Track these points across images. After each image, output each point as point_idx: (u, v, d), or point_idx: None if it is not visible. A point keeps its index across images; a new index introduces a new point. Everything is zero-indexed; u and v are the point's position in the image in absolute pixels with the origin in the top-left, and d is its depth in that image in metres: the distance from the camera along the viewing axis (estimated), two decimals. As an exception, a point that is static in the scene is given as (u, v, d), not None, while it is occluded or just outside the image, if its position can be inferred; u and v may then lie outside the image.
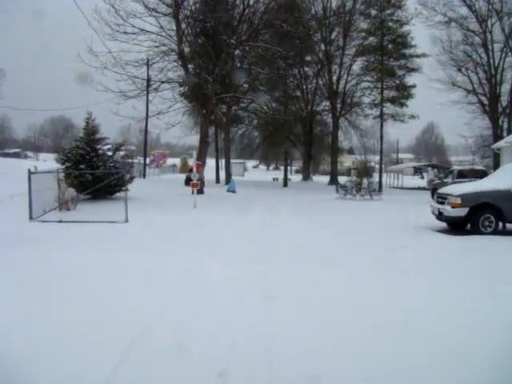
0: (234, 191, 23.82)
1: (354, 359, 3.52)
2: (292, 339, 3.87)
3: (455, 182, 18.95)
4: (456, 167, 25.65)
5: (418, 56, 34.61)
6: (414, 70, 35.12)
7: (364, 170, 39.25)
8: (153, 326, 4.08)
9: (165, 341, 3.81)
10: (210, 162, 29.36)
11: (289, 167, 50.72)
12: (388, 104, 36.10)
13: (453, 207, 10.63)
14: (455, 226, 11.05)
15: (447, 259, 7.63)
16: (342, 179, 32.62)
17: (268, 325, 4.13)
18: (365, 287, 5.46)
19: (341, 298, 5.02)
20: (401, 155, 75.19)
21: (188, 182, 29.07)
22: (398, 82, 35.70)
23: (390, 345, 3.78)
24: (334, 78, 36.60)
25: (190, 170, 30.38)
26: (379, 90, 33.98)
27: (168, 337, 3.91)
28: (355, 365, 3.44)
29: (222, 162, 39.08)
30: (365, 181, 25.38)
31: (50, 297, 4.95)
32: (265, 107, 36.95)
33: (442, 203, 11.17)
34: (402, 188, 35.63)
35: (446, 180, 23.33)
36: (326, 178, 40.11)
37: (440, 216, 11.18)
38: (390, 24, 33.99)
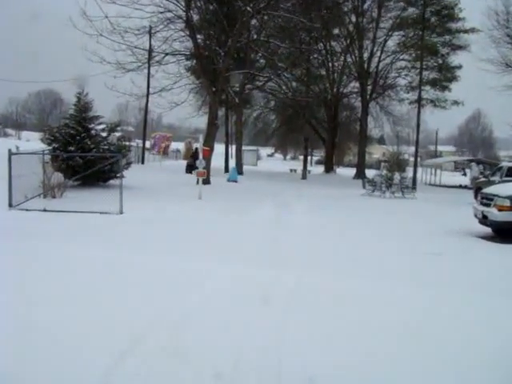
0: (235, 181, 24.07)
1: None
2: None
3: (504, 181, 18.49)
4: (506, 163, 25.12)
5: (466, 31, 33.51)
6: (460, 47, 34.34)
7: (396, 163, 39.05)
8: (128, 354, 3.80)
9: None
10: (219, 148, 29.33)
11: (309, 157, 50.71)
12: (427, 87, 35.63)
13: (500, 210, 10.43)
14: (502, 233, 10.74)
15: (491, 272, 7.51)
16: (369, 173, 32.59)
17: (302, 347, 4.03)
18: (404, 304, 5.41)
19: (380, 315, 4.93)
20: (440, 147, 74.37)
21: (189, 169, 29.70)
22: (440, 61, 35.12)
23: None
24: (366, 55, 36.41)
25: (192, 156, 30.71)
26: (418, 70, 33.35)
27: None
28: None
29: (233, 149, 39.35)
30: (396, 175, 25.13)
31: (19, 298, 4.93)
32: (284, 87, 36.93)
33: (488, 205, 10.97)
34: (439, 186, 35.23)
35: (492, 178, 22.88)
36: (352, 171, 40.01)
37: (484, 220, 10.98)
38: (435, -8, 33.23)
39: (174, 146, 51.62)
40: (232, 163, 32.93)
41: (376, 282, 6.36)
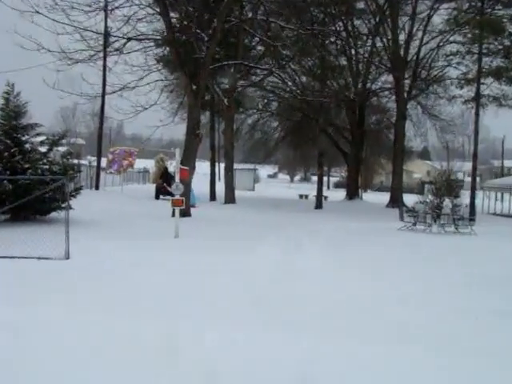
0: (193, 206, 24.45)
1: None
2: None
3: None
4: None
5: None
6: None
7: (446, 186, 38.75)
8: None
9: None
10: (203, 167, 29.19)
11: (325, 178, 51.40)
12: (489, 80, 35.49)
13: None
14: None
15: None
16: (409, 199, 32.22)
17: None
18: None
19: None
20: (508, 163, 73.82)
21: (158, 194, 30.79)
22: (507, 42, 33.90)
23: None
24: (402, 37, 36.66)
25: (161, 177, 31.79)
26: (475, 56, 33.48)
27: None
28: None
29: (221, 168, 39.69)
30: (447, 202, 25.06)
31: None
32: (290, 83, 37.07)
33: None
34: (508, 216, 34.85)
35: None
36: (384, 197, 40.09)
37: None
38: None
39: (140, 164, 51.34)
40: (220, 187, 33.07)
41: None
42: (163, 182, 31.07)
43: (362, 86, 39.45)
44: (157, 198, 30.97)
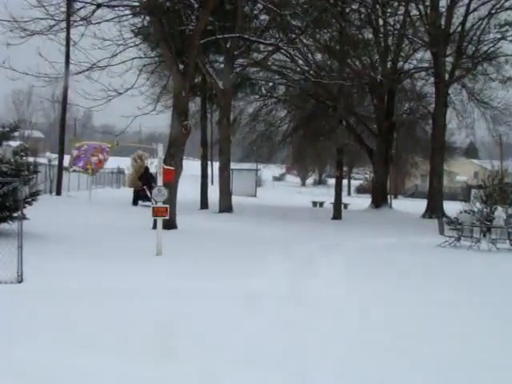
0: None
1: None
2: None
3: None
4: None
5: None
6: None
7: (498, 191, 38.65)
8: None
9: None
10: (192, 167, 29.06)
11: (344, 181, 51.84)
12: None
13: None
14: None
15: None
16: (451, 207, 32.27)
17: None
18: None
19: None
20: None
21: (137, 199, 31.24)
22: None
23: None
24: (443, 3, 36.49)
25: (140, 178, 32.56)
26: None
27: None
28: None
29: (215, 168, 40.29)
30: (499, 212, 25.02)
31: None
32: (301, 61, 36.71)
33: None
34: None
35: None
36: (420, 205, 39.83)
37: None
38: None
39: (114, 163, 51.35)
40: (213, 192, 32.96)
41: None
42: (143, 185, 31.12)
43: (392, 66, 39.08)
44: (135, 203, 31.15)
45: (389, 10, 38.03)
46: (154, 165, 34.98)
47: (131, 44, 28.22)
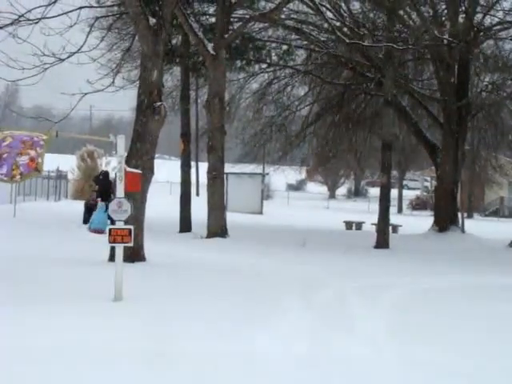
0: (100, 231, 22.26)
1: None
2: None
3: None
4: None
5: None
6: None
7: None
8: None
9: None
10: (168, 170, 26.10)
11: (394, 190, 47.95)
12: None
13: None
14: None
15: None
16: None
17: None
18: None
19: None
20: None
21: (88, 218, 28.22)
22: None
23: None
24: None
25: (95, 180, 30.62)
26: None
27: None
28: None
29: (201, 172, 39.02)
30: None
31: None
32: (329, 13, 32.03)
33: None
34: None
35: None
36: (507, 227, 37.98)
37: None
38: None
39: (52, 163, 50.02)
40: (200, 207, 28.96)
41: None
42: (98, 196, 28.36)
43: (466, 21, 32.70)
44: (86, 222, 28.10)
45: None
46: (112, 166, 33.35)
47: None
